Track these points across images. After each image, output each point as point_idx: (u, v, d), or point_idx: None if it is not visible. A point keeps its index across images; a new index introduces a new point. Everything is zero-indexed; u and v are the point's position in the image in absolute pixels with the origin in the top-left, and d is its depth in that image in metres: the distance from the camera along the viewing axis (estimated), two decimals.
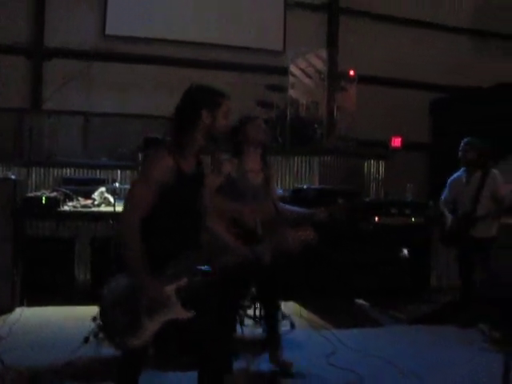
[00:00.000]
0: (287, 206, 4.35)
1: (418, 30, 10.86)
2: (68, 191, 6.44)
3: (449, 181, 5.92)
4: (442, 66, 10.57)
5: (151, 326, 2.70)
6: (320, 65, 9.49)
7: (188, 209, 2.86)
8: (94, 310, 4.54)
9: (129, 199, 2.84)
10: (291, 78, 9.21)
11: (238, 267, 2.94)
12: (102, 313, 2.77)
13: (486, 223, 5.51)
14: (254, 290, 5.26)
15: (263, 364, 4.36)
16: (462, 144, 5.70)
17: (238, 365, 4.17)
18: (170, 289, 2.73)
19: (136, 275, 2.67)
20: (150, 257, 2.67)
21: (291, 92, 9.11)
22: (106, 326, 2.78)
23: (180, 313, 2.75)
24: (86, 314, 5.07)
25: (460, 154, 5.70)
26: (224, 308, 3.18)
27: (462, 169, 5.78)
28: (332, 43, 10.37)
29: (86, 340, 4.52)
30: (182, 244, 2.80)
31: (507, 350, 3.12)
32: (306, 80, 9.41)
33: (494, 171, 5.61)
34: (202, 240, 2.99)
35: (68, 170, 7.45)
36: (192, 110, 2.82)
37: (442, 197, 5.94)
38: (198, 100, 2.83)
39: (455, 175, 5.86)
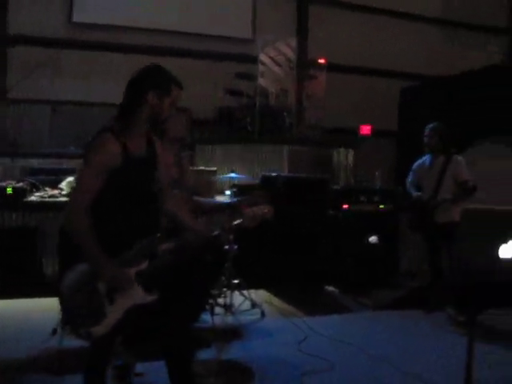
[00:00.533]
0: (202, 199, 4.35)
1: (389, 19, 10.89)
2: (35, 181, 6.31)
3: (413, 165, 5.98)
4: (413, 55, 10.65)
5: (114, 313, 2.66)
6: (290, 53, 9.46)
7: (141, 192, 2.79)
8: None
9: (76, 186, 2.80)
10: (261, 67, 9.15)
11: (201, 248, 2.93)
12: (63, 306, 2.71)
13: (445, 208, 5.54)
14: (223, 278, 5.28)
15: (235, 352, 4.36)
16: (426, 129, 5.76)
17: (210, 354, 4.15)
18: (130, 273, 2.70)
19: (91, 260, 2.62)
20: (106, 243, 2.62)
21: (261, 80, 9.06)
22: (69, 318, 2.72)
23: (142, 297, 2.72)
24: (53, 305, 4.92)
25: (424, 139, 5.76)
26: (188, 292, 3.15)
27: (427, 154, 5.84)
28: (302, 31, 10.35)
29: (54, 332, 4.43)
30: (139, 228, 2.74)
31: (470, 333, 3.17)
32: (276, 68, 9.37)
33: (458, 156, 5.67)
34: (161, 223, 2.94)
35: (35, 160, 7.31)
36: (139, 89, 2.76)
37: (408, 180, 6.01)
38: (147, 80, 2.77)
39: (420, 160, 5.93)
